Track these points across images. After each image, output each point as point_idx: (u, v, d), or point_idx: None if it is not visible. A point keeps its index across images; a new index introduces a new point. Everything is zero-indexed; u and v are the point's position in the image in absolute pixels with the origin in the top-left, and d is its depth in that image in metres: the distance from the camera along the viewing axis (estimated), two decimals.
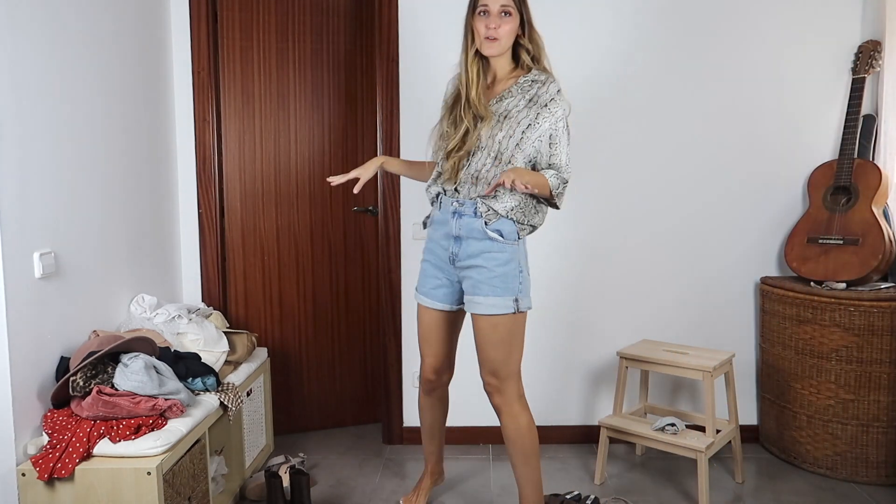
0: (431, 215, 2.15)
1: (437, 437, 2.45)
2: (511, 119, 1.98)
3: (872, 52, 2.79)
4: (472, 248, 2.02)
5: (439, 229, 2.10)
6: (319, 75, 3.08)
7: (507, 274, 2.00)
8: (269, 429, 2.91)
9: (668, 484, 2.67)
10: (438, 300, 2.16)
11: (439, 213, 2.10)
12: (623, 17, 2.90)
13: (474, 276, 2.03)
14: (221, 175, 2.99)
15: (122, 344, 2.01)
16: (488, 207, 2.00)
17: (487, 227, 2.00)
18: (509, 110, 1.99)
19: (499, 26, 1.95)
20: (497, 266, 2.00)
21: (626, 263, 3.01)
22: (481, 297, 2.01)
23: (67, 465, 1.79)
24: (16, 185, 1.86)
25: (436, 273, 2.14)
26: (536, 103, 1.99)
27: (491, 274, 2.00)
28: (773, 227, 2.99)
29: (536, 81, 2.01)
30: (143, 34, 2.64)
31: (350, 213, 3.19)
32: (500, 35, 1.96)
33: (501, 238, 2.00)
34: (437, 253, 2.12)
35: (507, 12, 1.95)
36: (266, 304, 3.10)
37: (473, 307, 2.04)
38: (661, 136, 2.95)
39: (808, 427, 2.73)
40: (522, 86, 2.01)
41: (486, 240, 2.00)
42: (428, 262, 2.17)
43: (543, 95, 1.99)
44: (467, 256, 2.03)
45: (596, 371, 3.05)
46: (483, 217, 2.00)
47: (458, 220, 2.04)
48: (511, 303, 2.01)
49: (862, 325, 2.56)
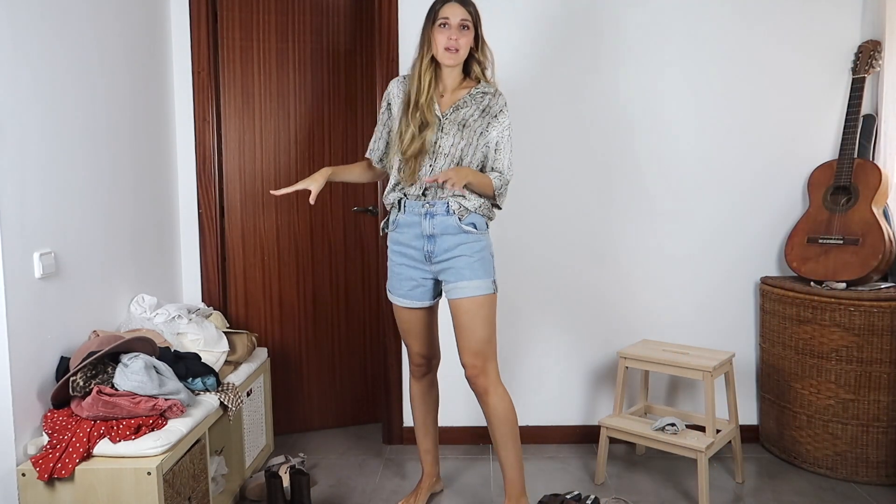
0: (395, 220, 2.25)
1: (432, 432, 2.48)
2: (469, 128, 2.16)
3: (872, 52, 2.79)
4: (448, 243, 2.17)
5: (407, 231, 2.22)
6: (319, 75, 3.09)
7: (485, 259, 2.20)
8: (269, 429, 2.91)
9: (668, 484, 2.67)
10: (417, 299, 2.28)
11: (405, 217, 2.22)
12: (623, 17, 2.90)
13: (455, 266, 2.17)
14: (221, 175, 2.99)
15: (122, 344, 2.01)
16: (460, 205, 2.17)
17: (462, 223, 2.17)
18: (466, 119, 2.17)
19: (458, 38, 2.10)
20: (475, 253, 2.18)
21: (626, 263, 3.01)
22: (466, 282, 2.16)
23: (67, 465, 1.79)
24: (16, 186, 1.86)
25: (410, 274, 2.25)
26: (488, 113, 2.18)
27: (471, 260, 2.17)
28: (773, 227, 2.99)
29: (487, 93, 2.20)
30: (143, 34, 2.64)
31: (350, 213, 3.19)
32: (460, 46, 2.11)
33: (475, 230, 2.19)
34: (409, 254, 2.24)
35: (465, 26, 2.11)
36: (266, 304, 3.10)
37: (460, 292, 2.17)
38: (661, 136, 2.95)
39: (808, 427, 2.73)
40: (475, 96, 2.19)
41: (461, 233, 2.17)
42: (400, 265, 2.27)
43: (494, 107, 2.19)
44: (443, 251, 2.18)
45: (596, 371, 3.05)
46: (456, 214, 2.17)
47: (430, 220, 2.18)
48: (491, 284, 2.19)
49: (862, 324, 2.56)
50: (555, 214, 2.98)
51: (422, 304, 2.29)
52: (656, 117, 2.94)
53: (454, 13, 2.09)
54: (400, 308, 2.32)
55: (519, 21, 2.88)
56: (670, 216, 2.99)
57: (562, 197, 2.97)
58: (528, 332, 3.03)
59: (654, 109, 2.94)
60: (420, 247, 2.20)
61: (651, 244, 3.00)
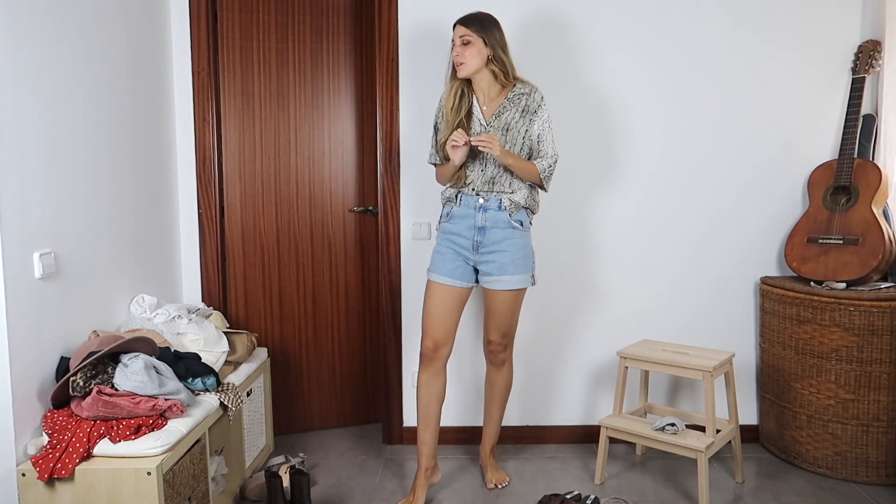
0: (451, 212, 2.47)
1: (433, 425, 2.51)
2: (512, 130, 2.38)
3: (872, 52, 2.79)
4: (497, 236, 2.41)
5: (460, 222, 2.44)
6: (319, 75, 3.09)
7: (527, 255, 2.46)
8: (269, 429, 2.91)
9: (668, 484, 2.67)
10: (458, 278, 2.45)
11: (460, 209, 2.44)
12: (623, 16, 2.90)
13: (499, 260, 2.41)
14: (221, 175, 2.99)
15: (122, 344, 2.01)
16: (511, 201, 2.40)
17: (511, 218, 2.40)
18: (509, 123, 2.38)
19: (460, 53, 2.35)
20: (518, 250, 2.42)
21: (627, 263, 3.01)
22: (508, 276, 2.41)
23: (67, 465, 1.79)
24: (15, 186, 1.86)
25: (455, 257, 2.45)
26: (528, 111, 2.39)
27: (515, 256, 2.41)
28: (773, 227, 2.99)
29: (524, 94, 2.40)
30: (143, 34, 2.64)
31: (350, 213, 3.19)
32: (465, 59, 2.35)
33: (521, 227, 2.43)
34: (460, 242, 2.45)
35: (466, 42, 2.34)
36: (266, 304, 3.10)
37: (501, 284, 2.42)
38: (660, 136, 2.95)
39: (808, 427, 2.73)
40: (513, 100, 2.40)
41: (508, 228, 2.41)
42: (448, 249, 2.46)
43: (532, 104, 2.40)
44: (492, 243, 2.41)
45: (596, 371, 3.05)
46: (507, 210, 2.40)
47: (483, 214, 2.41)
48: (529, 278, 2.47)
49: (862, 324, 2.56)
50: (554, 214, 2.98)
51: (461, 283, 2.45)
52: (656, 116, 2.94)
53: (457, 33, 2.37)
54: (436, 286, 2.46)
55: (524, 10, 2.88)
56: (670, 216, 2.99)
57: (561, 196, 2.97)
58: (528, 331, 3.03)
59: (654, 109, 2.94)
60: (471, 237, 2.43)
61: (651, 244, 3.00)
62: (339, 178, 3.16)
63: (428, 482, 2.52)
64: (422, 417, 2.51)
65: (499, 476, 2.67)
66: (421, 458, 2.50)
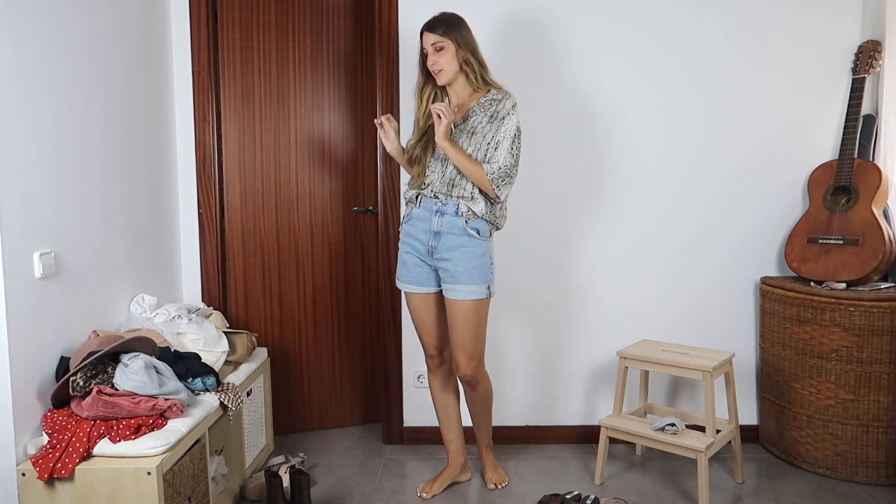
0: (409, 213, 2.44)
1: (454, 425, 2.61)
2: (477, 135, 2.32)
3: (872, 52, 2.79)
4: (451, 243, 2.33)
5: (418, 225, 2.39)
6: (319, 75, 3.09)
7: (483, 265, 2.35)
8: (269, 429, 2.91)
9: (668, 484, 2.67)
10: (423, 284, 2.43)
11: (419, 211, 2.39)
12: (623, 17, 2.90)
13: (451, 268, 2.34)
14: (221, 175, 2.99)
15: (122, 344, 2.01)
16: (468, 209, 2.32)
17: (467, 225, 2.32)
18: (475, 127, 2.33)
19: (436, 61, 2.31)
20: (473, 259, 2.33)
21: (626, 263, 3.01)
22: (462, 286, 2.33)
23: (67, 465, 1.79)
24: (16, 185, 1.86)
25: (417, 262, 2.42)
26: (496, 118, 2.31)
27: (469, 265, 2.33)
28: (773, 227, 2.99)
29: (496, 100, 2.33)
30: (144, 34, 2.64)
31: (350, 213, 3.19)
32: (441, 66, 2.31)
33: (478, 235, 2.34)
34: (416, 246, 2.40)
35: (438, 48, 2.30)
36: (266, 304, 3.10)
37: (455, 294, 2.35)
38: (660, 136, 2.95)
39: (808, 427, 2.73)
40: (484, 105, 2.34)
41: (464, 236, 2.33)
42: (408, 254, 2.44)
43: (501, 111, 2.32)
44: (446, 249, 2.34)
45: (596, 371, 3.05)
46: (464, 216, 2.33)
47: (439, 218, 2.34)
48: (485, 289, 2.36)
49: (862, 325, 2.56)
50: (555, 213, 2.98)
51: (427, 289, 2.43)
52: (657, 115, 2.94)
53: (427, 40, 2.31)
54: (410, 296, 2.47)
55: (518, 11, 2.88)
56: (670, 216, 2.99)
57: (561, 196, 2.97)
58: (528, 331, 3.03)
59: (654, 108, 2.94)
60: (425, 241, 2.37)
61: (651, 244, 3.00)
62: (339, 178, 3.16)
63: (454, 478, 2.63)
64: (441, 420, 2.62)
65: (499, 476, 2.67)
66: (448, 455, 2.64)
